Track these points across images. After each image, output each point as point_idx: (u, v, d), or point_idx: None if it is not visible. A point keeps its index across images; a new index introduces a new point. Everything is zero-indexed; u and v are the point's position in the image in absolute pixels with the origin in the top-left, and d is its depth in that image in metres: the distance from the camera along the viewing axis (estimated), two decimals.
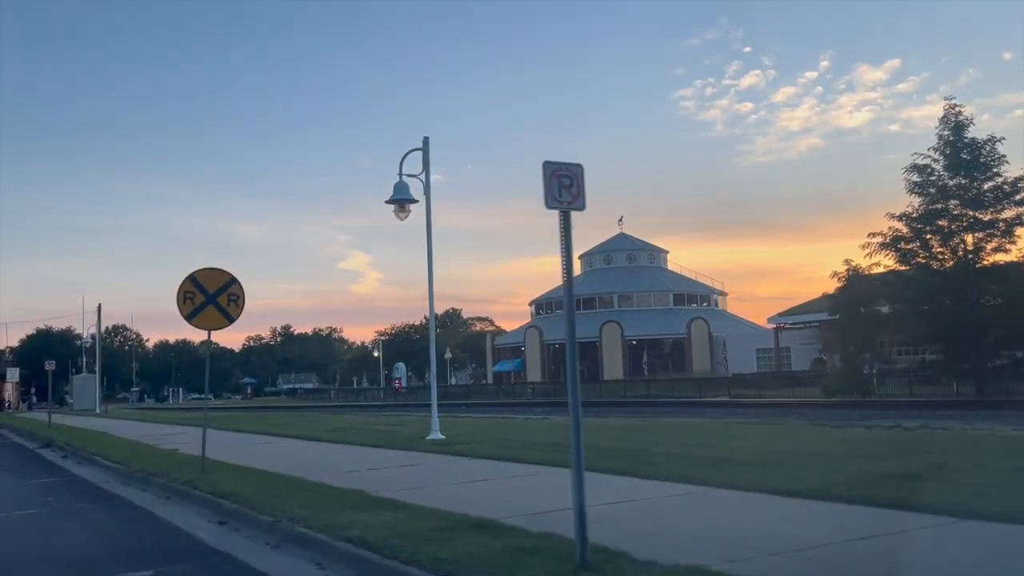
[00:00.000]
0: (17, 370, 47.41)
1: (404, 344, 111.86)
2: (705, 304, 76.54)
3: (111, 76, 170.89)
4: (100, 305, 54.02)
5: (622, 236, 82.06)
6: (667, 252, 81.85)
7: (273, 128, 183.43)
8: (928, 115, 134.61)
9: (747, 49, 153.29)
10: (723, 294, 78.75)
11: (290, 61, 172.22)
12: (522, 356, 74.63)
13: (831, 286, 35.35)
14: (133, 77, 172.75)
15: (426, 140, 16.03)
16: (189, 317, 11.67)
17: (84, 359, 75.79)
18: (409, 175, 15.94)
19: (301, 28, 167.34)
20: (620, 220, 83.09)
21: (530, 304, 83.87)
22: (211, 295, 11.75)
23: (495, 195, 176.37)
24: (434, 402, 16.05)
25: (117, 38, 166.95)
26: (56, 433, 25.44)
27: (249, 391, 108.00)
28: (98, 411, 50.42)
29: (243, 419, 31.48)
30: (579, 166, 5.54)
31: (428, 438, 15.46)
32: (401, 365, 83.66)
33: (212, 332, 11.98)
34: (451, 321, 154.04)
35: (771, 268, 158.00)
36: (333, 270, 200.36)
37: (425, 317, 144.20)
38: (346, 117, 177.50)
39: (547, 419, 23.28)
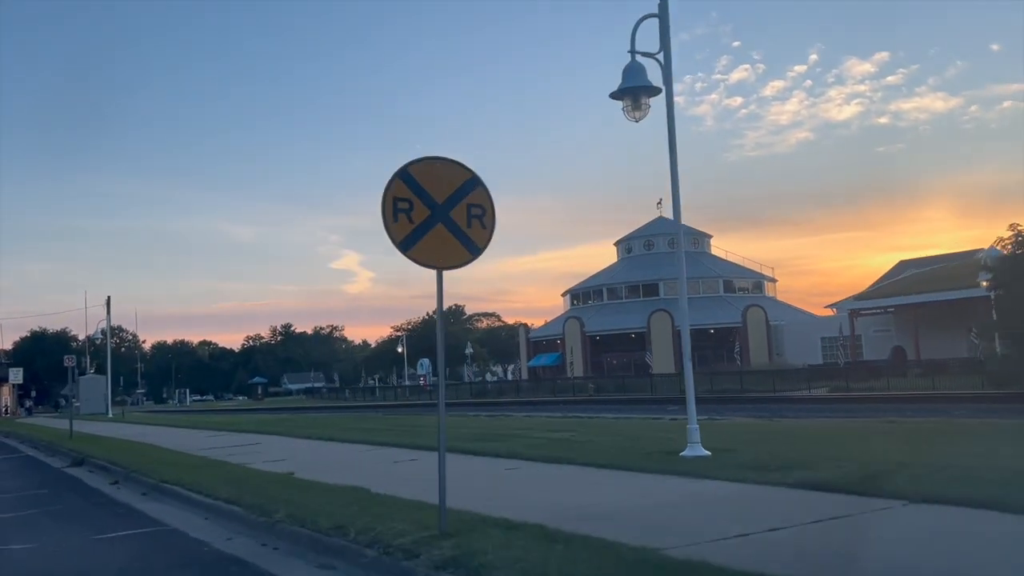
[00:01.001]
0: (20, 370, 41.94)
1: (419, 340, 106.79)
2: (757, 291, 71.44)
3: (101, 77, 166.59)
4: (109, 298, 48.53)
5: (662, 220, 76.77)
6: (711, 236, 76.72)
7: (262, 129, 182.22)
8: (918, 107, 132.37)
9: (736, 43, 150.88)
10: (772, 280, 73.67)
11: (279, 63, 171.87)
12: (560, 349, 69.39)
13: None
14: (124, 79, 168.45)
15: (664, 3, 10.71)
16: (404, 244, 6.35)
17: (88, 360, 70.25)
18: (643, 53, 10.65)
19: (291, 31, 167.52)
20: (659, 203, 77.84)
21: (564, 295, 78.67)
22: (440, 206, 6.43)
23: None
24: (691, 400, 10.76)
25: (111, 39, 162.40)
26: (85, 445, 20.06)
27: (260, 391, 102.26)
28: (111, 415, 44.98)
29: (303, 424, 26.12)
30: None
31: (686, 454, 10.22)
32: (426, 361, 78.26)
33: (444, 271, 6.59)
34: (455, 318, 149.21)
35: (766, 261, 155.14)
36: (325, 270, 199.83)
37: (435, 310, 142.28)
38: (334, 117, 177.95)
39: (676, 420, 18.11)
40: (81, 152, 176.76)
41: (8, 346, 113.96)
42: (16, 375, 41.02)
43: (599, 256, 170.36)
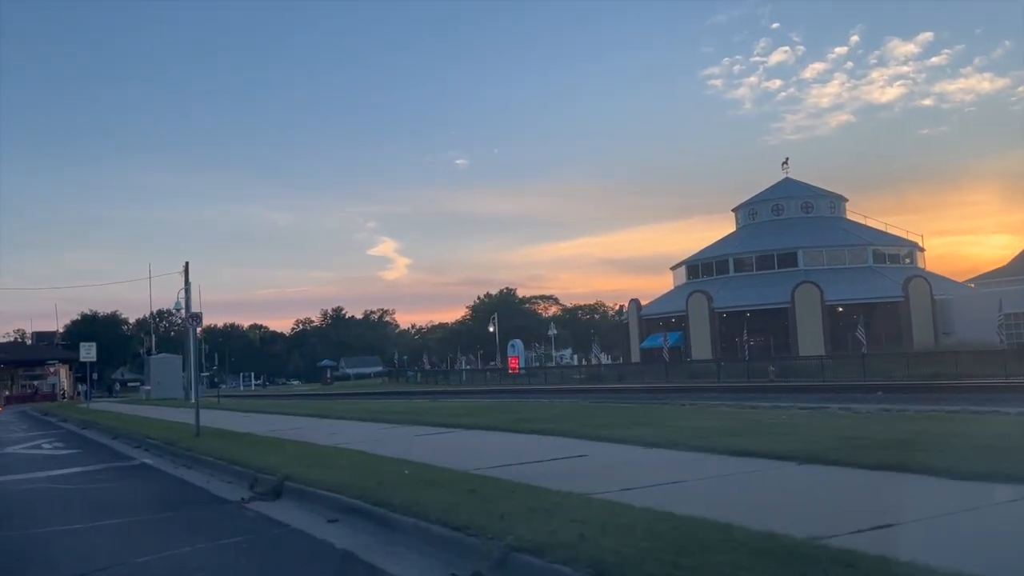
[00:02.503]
0: (93, 345, 34.62)
1: (483, 323, 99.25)
2: (908, 261, 62.12)
3: (141, 68, 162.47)
4: (187, 264, 41.09)
5: (789, 182, 67.83)
6: (847, 200, 67.43)
7: (299, 116, 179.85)
8: (963, 88, 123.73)
9: (775, 25, 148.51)
10: (921, 249, 64.25)
11: (315, 51, 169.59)
12: (677, 328, 60.85)
13: None
14: (164, 70, 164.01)
15: None
16: None
17: (152, 340, 63.45)
18: None
19: (328, 20, 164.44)
20: (784, 163, 68.90)
21: (674, 268, 70.00)
22: None
23: (519, 178, 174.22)
24: None
25: (150, 32, 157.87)
26: (236, 448, 12.22)
27: (328, 375, 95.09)
28: (193, 400, 37.51)
29: (461, 412, 18.00)
30: None
31: None
32: (518, 342, 70.15)
33: None
34: (509, 301, 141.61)
35: None
36: (363, 257, 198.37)
37: (500, 291, 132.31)
38: (371, 105, 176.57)
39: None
40: (121, 145, 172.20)
41: (60, 330, 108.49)
42: (88, 351, 33.74)
43: (637, 241, 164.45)
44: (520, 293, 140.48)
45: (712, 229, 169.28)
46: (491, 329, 74.15)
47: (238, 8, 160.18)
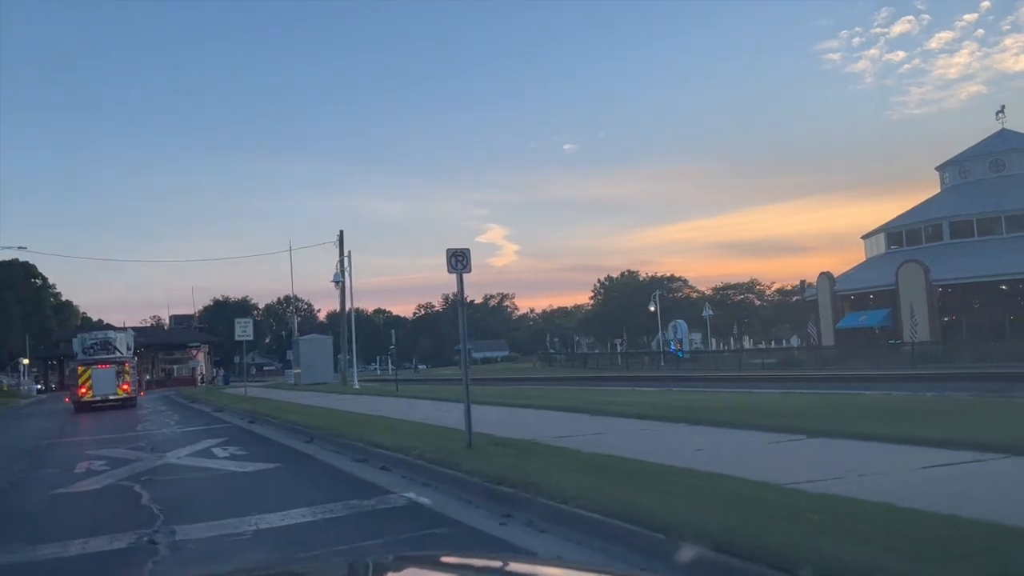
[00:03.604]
0: (249, 321, 29.68)
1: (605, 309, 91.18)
2: None
3: (249, 63, 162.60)
4: (342, 232, 35.97)
5: (1008, 133, 57.31)
6: None
7: (409, 106, 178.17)
8: None
9: None
10: None
11: (425, 42, 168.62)
12: (889, 305, 51.88)
13: None
14: (271, 64, 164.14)
15: None
16: None
17: (296, 320, 59.63)
18: None
19: (435, 13, 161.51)
20: (999, 112, 58.32)
21: (867, 237, 60.68)
22: None
23: (625, 162, 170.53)
24: None
25: (264, 25, 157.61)
26: (603, 481, 5.76)
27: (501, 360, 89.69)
28: (356, 386, 32.45)
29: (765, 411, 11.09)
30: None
31: None
32: (681, 323, 62.56)
33: None
34: (632, 283, 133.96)
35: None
36: (471, 244, 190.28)
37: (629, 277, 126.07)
38: (478, 94, 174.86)
39: None
40: (237, 136, 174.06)
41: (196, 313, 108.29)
42: (244, 328, 28.77)
43: (749, 223, 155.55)
44: (642, 275, 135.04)
45: (832, 207, 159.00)
46: (651, 308, 66.82)
47: (341, 5, 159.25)
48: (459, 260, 10.77)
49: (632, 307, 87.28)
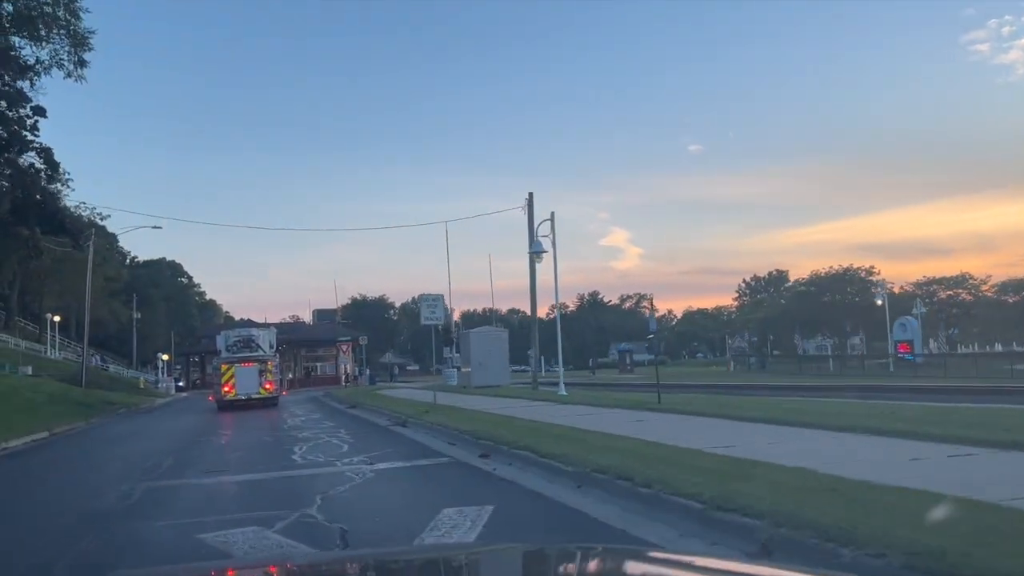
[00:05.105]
0: (439, 298, 21.34)
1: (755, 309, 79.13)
2: None
3: (396, 79, 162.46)
4: (531, 195, 27.95)
5: None
6: None
7: (534, 110, 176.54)
8: None
9: None
10: None
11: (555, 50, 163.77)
12: None
13: None
14: (408, 75, 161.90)
15: None
16: None
17: (456, 314, 52.21)
18: None
19: (572, 23, 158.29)
20: None
21: None
22: None
23: (752, 162, 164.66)
24: None
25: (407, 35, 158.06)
26: None
27: (628, 361, 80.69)
28: (564, 392, 23.98)
29: None
30: None
31: None
32: (911, 321, 50.99)
33: None
34: (782, 284, 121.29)
35: None
36: (594, 247, 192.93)
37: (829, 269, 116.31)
38: (597, 97, 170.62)
39: None
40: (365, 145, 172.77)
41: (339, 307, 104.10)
42: (433, 309, 20.01)
43: (885, 224, 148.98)
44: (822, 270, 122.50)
45: (978, 208, 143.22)
46: (878, 303, 55.40)
47: (479, 14, 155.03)
48: None
49: (821, 305, 75.55)
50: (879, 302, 55.17)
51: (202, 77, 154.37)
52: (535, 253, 24.82)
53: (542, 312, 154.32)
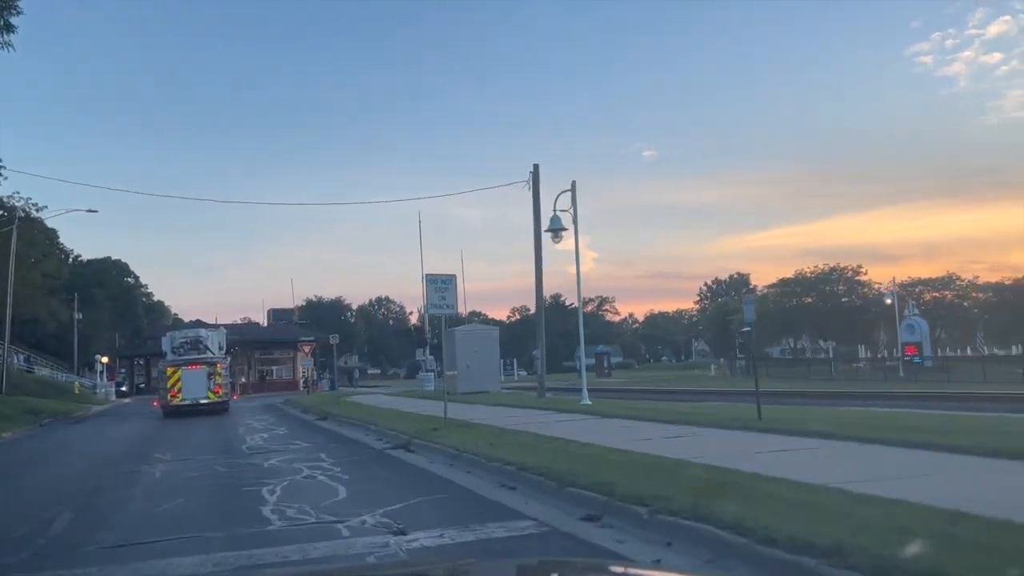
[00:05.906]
0: (452, 280, 16.98)
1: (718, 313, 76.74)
2: None
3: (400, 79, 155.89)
4: (537, 167, 23.60)
5: None
6: None
7: (500, 112, 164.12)
8: None
9: None
10: None
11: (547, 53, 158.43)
12: None
13: None
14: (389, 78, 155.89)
15: None
16: None
17: (427, 316, 47.22)
18: None
19: (522, 27, 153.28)
20: None
21: None
22: None
23: (706, 169, 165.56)
24: None
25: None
26: None
27: (606, 365, 76.58)
28: (587, 401, 19.73)
29: None
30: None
31: None
32: (920, 322, 47.99)
33: None
34: (743, 287, 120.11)
35: None
36: (550, 251, 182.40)
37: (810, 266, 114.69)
38: (558, 101, 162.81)
39: None
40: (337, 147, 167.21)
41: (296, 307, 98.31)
42: (443, 295, 15.90)
43: (835, 230, 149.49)
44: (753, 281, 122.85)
45: (922, 216, 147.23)
46: (888, 301, 52.28)
47: (466, 17, 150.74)
48: None
49: (802, 306, 72.59)
50: (888, 301, 52.15)
51: (150, 77, 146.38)
52: (553, 231, 20.49)
53: (502, 315, 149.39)
